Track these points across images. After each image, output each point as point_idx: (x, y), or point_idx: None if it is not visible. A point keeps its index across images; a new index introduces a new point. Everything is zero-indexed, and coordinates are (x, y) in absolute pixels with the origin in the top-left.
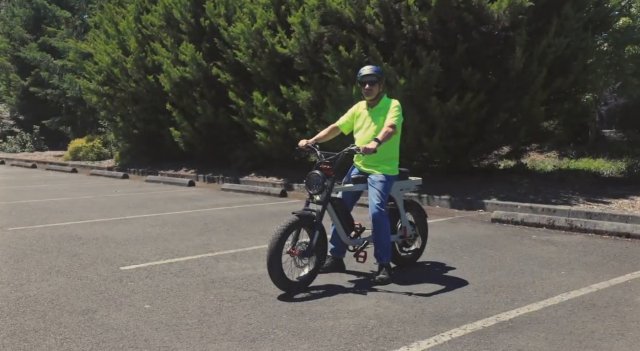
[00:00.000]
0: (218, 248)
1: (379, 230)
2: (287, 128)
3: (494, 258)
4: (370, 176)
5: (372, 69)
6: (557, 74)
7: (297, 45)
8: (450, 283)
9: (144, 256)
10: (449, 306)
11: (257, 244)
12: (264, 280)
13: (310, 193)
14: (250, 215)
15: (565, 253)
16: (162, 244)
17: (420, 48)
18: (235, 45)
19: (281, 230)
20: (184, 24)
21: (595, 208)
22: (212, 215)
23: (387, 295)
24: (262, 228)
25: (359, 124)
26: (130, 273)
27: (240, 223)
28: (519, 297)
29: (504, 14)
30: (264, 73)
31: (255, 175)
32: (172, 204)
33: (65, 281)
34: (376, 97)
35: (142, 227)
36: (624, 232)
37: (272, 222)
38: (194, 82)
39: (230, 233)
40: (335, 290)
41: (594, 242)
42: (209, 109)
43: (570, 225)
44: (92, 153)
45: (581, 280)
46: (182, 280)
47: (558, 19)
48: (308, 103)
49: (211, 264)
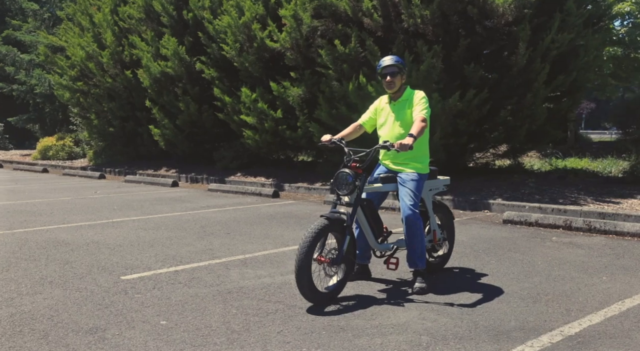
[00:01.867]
0: (224, 253)
1: (413, 234)
2: (277, 126)
3: (523, 263)
4: (401, 175)
5: (393, 59)
6: (558, 71)
7: (288, 40)
8: (491, 292)
9: (145, 263)
10: (501, 318)
11: (265, 249)
12: (286, 290)
13: (340, 194)
14: (247, 217)
15: (595, 256)
16: (161, 250)
17: (421, 43)
18: (221, 40)
19: (311, 236)
20: (165, 16)
21: (607, 208)
22: (206, 217)
23: (427, 306)
24: (264, 232)
25: (383, 120)
26: (134, 283)
27: (239, 226)
28: (573, 307)
29: (509, 7)
30: (252, 68)
31: (242, 175)
32: (160, 206)
33: (62, 294)
34: (399, 90)
35: (134, 231)
36: None
37: (273, 224)
38: (176, 77)
39: (231, 237)
40: (368, 301)
41: (618, 244)
42: (192, 106)
43: (589, 226)
44: (62, 152)
45: (628, 286)
46: (195, 291)
47: (560, 15)
48: (299, 100)
49: (222, 272)
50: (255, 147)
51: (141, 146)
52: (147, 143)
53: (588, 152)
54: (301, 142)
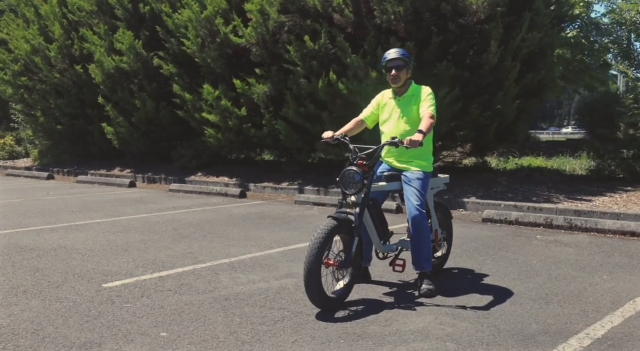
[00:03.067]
0: (207, 257)
1: (420, 235)
2: (241, 125)
3: (519, 262)
4: (405, 173)
5: (399, 52)
6: (527, 70)
7: (254, 35)
8: (499, 293)
9: (124, 269)
10: (520, 321)
11: (249, 252)
12: (286, 296)
13: (347, 193)
14: (219, 219)
15: (585, 254)
16: (137, 254)
17: (394, 40)
18: (181, 34)
19: (320, 238)
20: (120, 9)
21: (581, 206)
22: (175, 219)
23: (439, 309)
24: (242, 234)
25: (386, 115)
26: (119, 291)
27: (214, 227)
28: (587, 308)
29: (482, 5)
30: (214, 64)
31: (202, 175)
32: (122, 207)
33: (40, 305)
34: (404, 84)
35: (102, 234)
36: (629, 230)
37: (248, 226)
38: (132, 73)
39: (209, 239)
40: (377, 306)
41: (603, 241)
42: (149, 103)
43: (570, 224)
44: (2, 151)
45: (632, 285)
46: (188, 298)
47: (529, 14)
48: (264, 98)
49: (211, 277)
50: (217, 146)
51: (92, 145)
52: (99, 142)
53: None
54: (267, 140)
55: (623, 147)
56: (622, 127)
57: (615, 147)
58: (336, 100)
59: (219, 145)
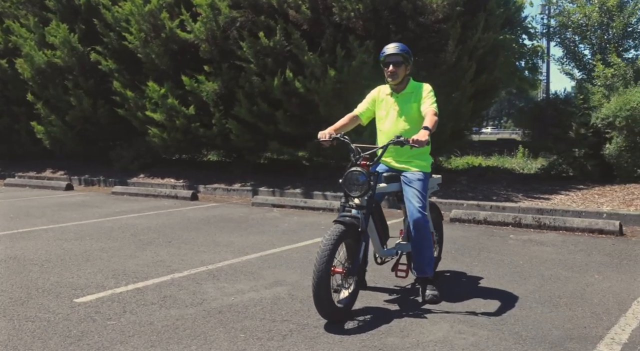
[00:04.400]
0: (181, 265)
1: (422, 238)
2: (190, 124)
3: (506, 263)
4: (405, 174)
5: (398, 48)
6: (481, 70)
7: (203, 31)
8: (502, 297)
9: (94, 282)
10: (539, 327)
11: (225, 259)
12: (284, 306)
13: (351, 195)
14: (178, 223)
15: (565, 253)
16: (102, 264)
17: (353, 38)
18: (121, 28)
19: (330, 246)
20: (52, 0)
21: (542, 204)
22: (130, 224)
23: (451, 316)
24: (209, 239)
25: (383, 112)
26: (96, 307)
27: (175, 232)
28: (597, 310)
29: (441, 4)
30: (159, 61)
31: (146, 177)
32: (66, 212)
33: (9, 326)
34: (402, 81)
35: (54, 243)
36: (597, 228)
37: (212, 230)
38: (66, 69)
39: (176, 246)
40: (384, 315)
41: (575, 239)
42: (85, 101)
43: (539, 223)
44: None
45: (627, 284)
46: (177, 313)
47: (484, 14)
48: (214, 96)
49: (194, 287)
50: (162, 146)
51: (17, 145)
52: (26, 142)
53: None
54: (216, 140)
55: (575, 146)
56: (574, 127)
57: (567, 146)
58: (292, 99)
59: (164, 146)
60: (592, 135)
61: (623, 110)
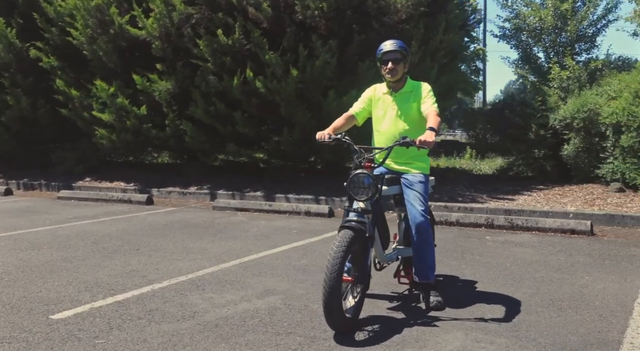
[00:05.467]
0: (158, 275)
1: (425, 243)
2: (141, 125)
3: (493, 266)
4: (406, 176)
5: (396, 44)
6: (442, 71)
7: (156, 27)
8: (504, 301)
9: (66, 295)
10: (555, 332)
11: (203, 267)
12: (283, 317)
13: (358, 199)
14: (140, 229)
15: (547, 254)
16: (70, 276)
17: (316, 37)
18: (65, 23)
19: (341, 253)
20: None
21: (507, 205)
22: (87, 231)
23: (462, 324)
24: (180, 246)
25: (381, 112)
26: (77, 323)
27: (140, 239)
28: (604, 313)
29: (406, 4)
30: (106, 58)
31: (93, 180)
32: (12, 219)
33: None
34: (400, 79)
35: (9, 253)
36: (569, 228)
37: (179, 236)
38: (2, 65)
39: (147, 254)
40: (391, 324)
41: (549, 240)
42: (23, 100)
43: (512, 224)
44: None
45: (620, 285)
46: (170, 328)
47: (444, 15)
48: (167, 96)
49: (179, 299)
50: (110, 148)
51: None
52: None
53: None
54: (170, 142)
55: (534, 147)
56: (533, 128)
57: (527, 147)
58: (252, 99)
59: (113, 147)
60: (551, 136)
61: (580, 112)
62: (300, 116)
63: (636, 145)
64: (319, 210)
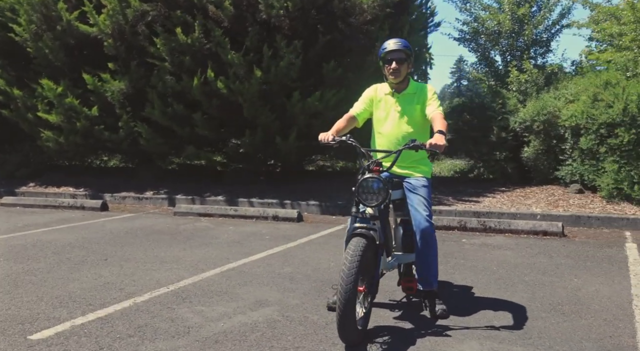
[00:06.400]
0: (136, 287)
1: (430, 249)
2: (92, 126)
3: (480, 270)
4: (409, 180)
5: (400, 43)
6: None
7: (109, 24)
8: (505, 307)
9: (40, 313)
10: (567, 338)
11: (182, 277)
12: (286, 330)
13: (367, 205)
14: (102, 237)
15: (527, 257)
16: (38, 290)
17: (280, 37)
18: (6, 18)
19: (356, 263)
20: None
21: (474, 207)
22: (45, 241)
23: (473, 333)
24: (150, 254)
25: (383, 114)
26: (61, 345)
27: (105, 248)
28: (607, 317)
29: (372, 4)
30: (53, 56)
31: (38, 185)
32: None
33: None
34: (404, 80)
35: None
36: (541, 230)
37: (147, 244)
38: None
39: (116, 264)
40: (402, 335)
41: (525, 242)
42: None
43: (484, 226)
44: None
45: (609, 287)
46: (167, 346)
47: (408, 17)
48: (120, 96)
49: (167, 313)
50: (57, 151)
51: None
52: None
53: None
54: (123, 144)
55: (496, 150)
56: (495, 131)
57: (489, 150)
58: (212, 100)
59: (60, 150)
60: (511, 139)
61: (540, 115)
62: (263, 118)
63: (595, 148)
64: (288, 215)
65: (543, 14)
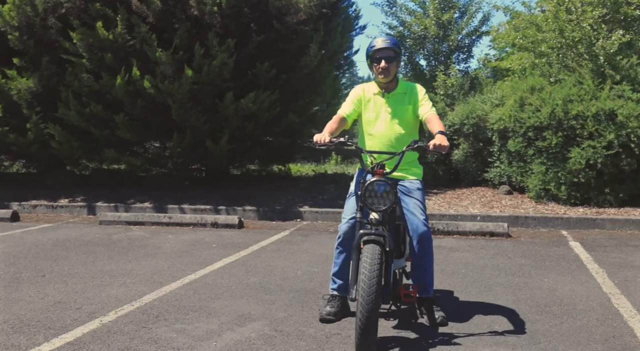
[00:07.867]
0: (96, 307)
1: (427, 254)
2: None
3: (449, 273)
4: (403, 183)
5: (389, 41)
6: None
7: (15, 16)
8: (498, 311)
9: None
10: (574, 341)
11: (143, 292)
12: (284, 346)
13: (374, 210)
14: (27, 251)
15: (488, 259)
16: None
17: (212, 35)
18: None
19: (377, 271)
20: None
21: None
22: None
23: (479, 339)
24: (94, 268)
25: (373, 114)
26: None
27: (36, 263)
28: (598, 316)
29: (308, 5)
30: None
31: None
32: None
33: None
34: (393, 79)
35: None
36: (488, 231)
37: (82, 257)
38: None
39: (60, 280)
40: (410, 345)
41: (477, 244)
42: None
43: (433, 229)
44: None
45: (584, 287)
46: None
47: (340, 19)
48: (28, 95)
49: (146, 334)
50: None
51: None
52: None
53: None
54: (31, 148)
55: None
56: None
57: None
58: (137, 101)
59: None
60: None
61: (470, 118)
62: (193, 119)
63: (523, 150)
64: (228, 221)
65: (466, 20)
